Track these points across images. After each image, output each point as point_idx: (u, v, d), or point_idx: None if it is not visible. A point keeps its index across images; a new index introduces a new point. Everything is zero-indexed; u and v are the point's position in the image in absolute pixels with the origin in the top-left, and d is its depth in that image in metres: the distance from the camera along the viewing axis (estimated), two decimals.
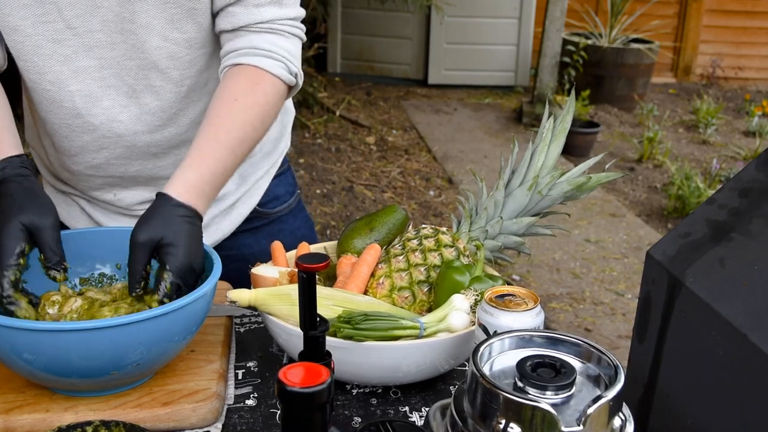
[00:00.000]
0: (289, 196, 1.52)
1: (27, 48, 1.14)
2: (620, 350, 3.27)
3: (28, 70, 1.17)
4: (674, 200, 4.95)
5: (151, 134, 1.24)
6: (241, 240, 1.43)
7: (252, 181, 1.42)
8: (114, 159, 1.26)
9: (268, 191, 1.46)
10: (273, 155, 1.45)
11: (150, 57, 1.17)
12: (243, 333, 1.21)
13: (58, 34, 1.13)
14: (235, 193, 1.39)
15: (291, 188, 1.53)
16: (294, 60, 1.21)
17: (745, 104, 7.40)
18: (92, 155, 1.26)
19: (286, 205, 1.51)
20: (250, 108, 1.14)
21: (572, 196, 1.18)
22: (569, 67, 6.69)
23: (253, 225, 1.45)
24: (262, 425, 0.99)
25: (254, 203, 1.44)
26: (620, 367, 0.75)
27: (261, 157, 1.42)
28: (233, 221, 1.41)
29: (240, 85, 1.16)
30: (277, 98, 1.19)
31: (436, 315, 1.04)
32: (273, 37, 1.19)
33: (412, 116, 6.74)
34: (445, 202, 4.92)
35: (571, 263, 4.17)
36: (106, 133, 1.22)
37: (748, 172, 0.89)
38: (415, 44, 7.76)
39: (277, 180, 1.48)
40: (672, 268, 0.86)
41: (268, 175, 1.45)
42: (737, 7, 8.01)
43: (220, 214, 1.39)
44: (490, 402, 0.72)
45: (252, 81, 1.16)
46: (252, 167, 1.41)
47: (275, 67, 1.18)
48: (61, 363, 0.89)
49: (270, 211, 1.48)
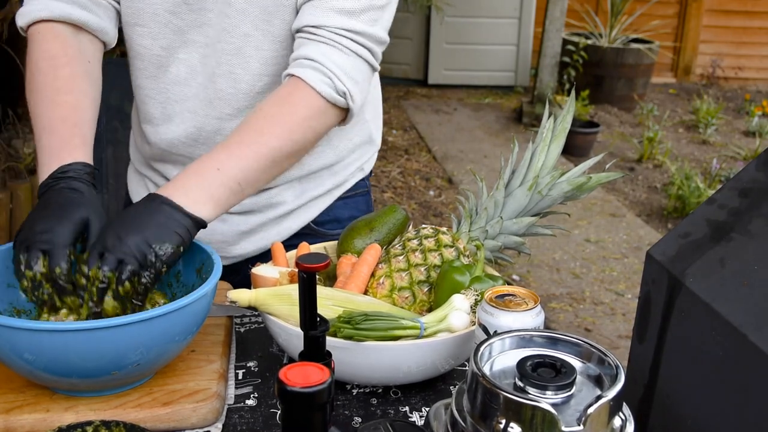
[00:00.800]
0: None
1: (146, 15, 1.21)
2: (620, 350, 3.27)
3: (143, 35, 1.23)
4: (674, 200, 4.95)
5: (220, 120, 1.26)
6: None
7: (310, 197, 1.37)
8: (185, 137, 1.29)
9: (329, 210, 1.40)
10: (340, 175, 1.40)
11: (237, 43, 1.19)
12: (243, 333, 1.21)
13: (176, 6, 1.20)
14: (290, 203, 1.36)
15: (360, 214, 1.41)
16: (344, 77, 1.14)
17: (745, 104, 7.40)
18: (169, 127, 1.28)
19: None
20: (272, 117, 1.11)
21: (572, 196, 1.18)
22: (569, 67, 6.70)
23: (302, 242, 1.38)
24: (262, 425, 0.99)
25: (308, 218, 1.39)
26: (620, 367, 0.75)
27: (327, 176, 1.38)
28: (281, 232, 1.37)
29: (275, 96, 1.14)
30: (312, 112, 1.13)
31: (436, 315, 1.04)
32: (327, 48, 1.14)
33: (412, 116, 6.74)
34: (445, 202, 4.92)
35: (571, 263, 4.17)
36: (193, 107, 1.26)
37: (748, 172, 0.89)
38: (415, 44, 7.76)
39: (344, 202, 1.42)
40: (672, 268, 0.86)
41: (330, 194, 1.40)
42: (737, 7, 8.01)
43: (270, 223, 1.36)
44: (491, 402, 0.72)
45: (286, 92, 1.13)
46: (313, 182, 1.37)
47: (315, 79, 1.12)
48: (61, 363, 0.89)
49: (326, 231, 1.41)
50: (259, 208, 1.35)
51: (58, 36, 1.19)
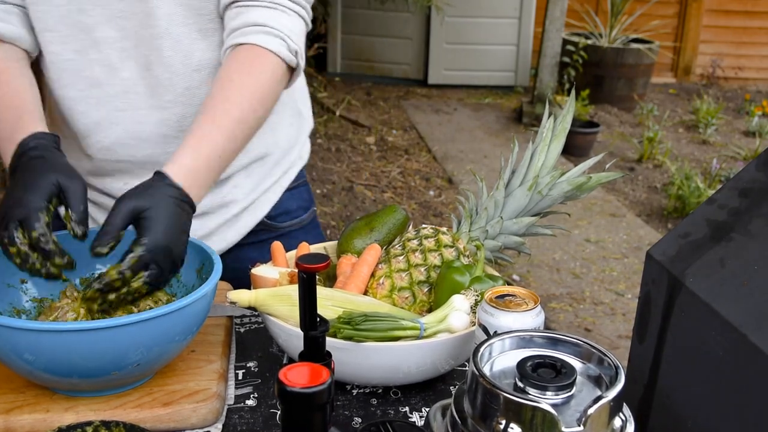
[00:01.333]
0: (302, 212, 1.48)
1: (53, 17, 1.17)
2: (620, 350, 3.27)
3: (53, 41, 1.19)
4: (674, 200, 4.95)
5: (162, 110, 1.24)
6: (246, 253, 1.39)
7: (261, 190, 1.39)
8: (126, 138, 1.25)
9: (279, 204, 1.42)
10: (283, 163, 1.42)
11: (163, 24, 1.17)
12: (243, 333, 1.21)
13: (83, 4, 1.16)
14: (242, 200, 1.37)
15: (305, 204, 1.49)
16: (294, 37, 1.16)
17: (745, 104, 7.40)
18: (105, 133, 1.25)
19: (297, 221, 1.47)
20: (247, 88, 1.12)
21: (572, 196, 1.18)
22: (569, 67, 6.70)
23: (260, 238, 1.42)
24: (262, 425, 0.99)
25: (262, 214, 1.40)
26: (620, 367, 0.75)
27: (271, 165, 1.39)
28: (239, 231, 1.38)
29: (237, 65, 1.13)
30: (277, 77, 1.15)
31: (436, 315, 1.04)
32: (272, 12, 1.15)
33: (412, 116, 6.74)
34: (445, 202, 4.92)
35: (571, 263, 4.17)
36: (122, 105, 1.22)
37: (748, 172, 0.89)
38: (415, 44, 7.76)
39: (290, 193, 1.45)
40: (672, 268, 0.86)
41: (278, 185, 1.42)
42: (737, 7, 8.01)
43: (226, 223, 1.37)
44: (491, 402, 0.72)
45: (249, 60, 1.13)
46: (261, 175, 1.38)
47: (273, 43, 1.14)
48: (61, 363, 0.89)
49: (279, 224, 1.44)
50: (213, 209, 1.34)
51: None
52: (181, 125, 1.25)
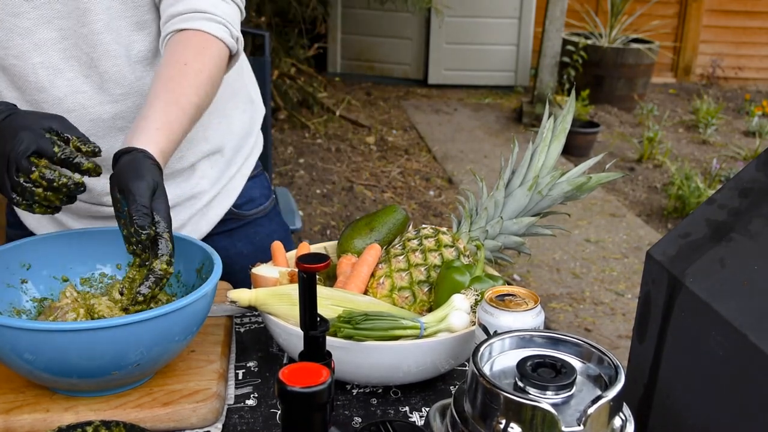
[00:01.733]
0: (264, 199, 1.52)
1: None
2: (620, 350, 3.27)
3: None
4: (674, 200, 4.95)
5: (115, 104, 1.23)
6: (217, 242, 1.42)
7: (226, 178, 1.42)
8: None
9: (244, 193, 1.46)
10: (243, 150, 1.45)
11: (103, 18, 1.16)
12: (243, 333, 1.21)
13: (17, 7, 1.14)
14: (209, 191, 1.39)
15: (266, 191, 1.54)
16: (235, 24, 1.19)
17: (745, 104, 7.40)
18: None
19: (261, 208, 1.52)
20: (201, 72, 1.13)
21: (572, 196, 1.18)
22: (569, 67, 6.70)
23: (229, 227, 1.46)
24: (262, 425, 0.99)
25: (230, 204, 1.44)
26: (620, 367, 0.75)
27: (232, 153, 1.42)
28: (210, 221, 1.42)
29: (188, 50, 1.14)
30: (222, 62, 1.18)
31: (436, 315, 1.04)
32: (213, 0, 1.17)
33: (412, 116, 6.74)
34: (445, 202, 4.92)
35: (571, 263, 4.17)
36: (71, 106, 1.21)
37: (748, 172, 0.89)
38: (415, 44, 7.76)
39: (251, 182, 1.49)
40: (672, 268, 0.86)
41: (241, 174, 1.46)
42: (737, 7, 8.01)
43: (197, 214, 1.40)
44: (491, 402, 0.72)
45: (199, 45, 1.14)
46: (224, 164, 1.41)
47: (219, 30, 1.16)
48: (61, 363, 0.89)
49: (246, 213, 1.48)
50: (182, 201, 1.37)
51: None
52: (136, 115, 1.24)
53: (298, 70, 6.40)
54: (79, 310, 1.00)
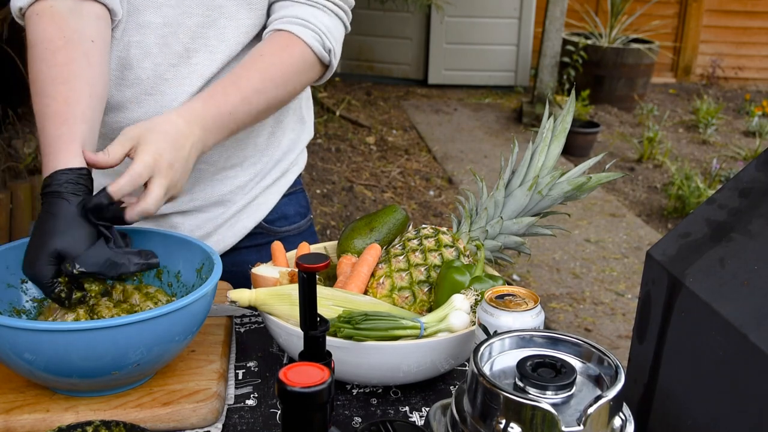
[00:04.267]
0: (299, 218, 1.49)
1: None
2: (620, 350, 3.27)
3: None
4: (674, 200, 4.96)
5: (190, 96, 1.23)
6: (244, 256, 1.40)
7: (258, 190, 1.39)
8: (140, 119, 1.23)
9: (277, 208, 1.44)
10: (282, 164, 1.43)
11: (212, 14, 1.20)
12: (243, 333, 1.21)
13: None
14: (240, 200, 1.37)
15: (303, 210, 1.51)
16: (330, 36, 1.24)
17: (745, 104, 7.40)
18: (129, 113, 1.23)
19: (294, 227, 1.48)
20: (273, 65, 1.18)
21: (572, 196, 1.18)
22: (569, 67, 6.70)
23: (258, 242, 1.43)
24: (262, 425, 0.99)
25: (260, 217, 1.41)
26: (620, 367, 0.75)
27: (271, 165, 1.40)
28: (237, 233, 1.39)
29: (270, 45, 1.20)
30: (305, 66, 1.22)
31: (436, 315, 1.04)
32: (315, 11, 1.23)
33: (412, 116, 6.74)
34: (445, 202, 4.92)
35: (571, 263, 4.17)
36: (150, 89, 1.22)
37: (748, 172, 0.89)
38: (415, 44, 7.76)
39: (287, 199, 1.46)
40: (672, 268, 0.86)
41: (276, 187, 1.43)
42: (737, 7, 8.01)
43: (225, 224, 1.37)
44: (491, 402, 0.72)
45: (282, 43, 1.20)
46: (259, 174, 1.38)
47: (308, 36, 1.21)
48: (61, 363, 0.89)
49: (276, 229, 1.45)
50: (209, 207, 1.35)
51: (54, 16, 1.09)
52: None
53: None
54: (79, 311, 1.00)
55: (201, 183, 1.32)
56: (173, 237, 1.13)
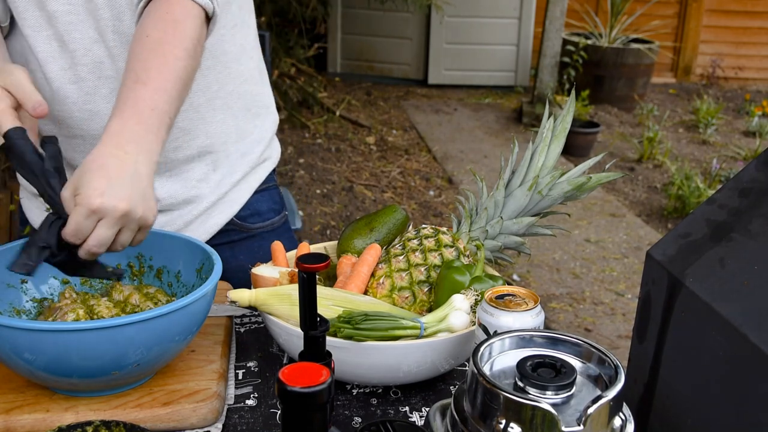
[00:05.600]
0: (273, 214, 1.48)
1: None
2: (620, 350, 3.27)
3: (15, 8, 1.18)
4: (674, 200, 4.96)
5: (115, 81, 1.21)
6: (218, 253, 1.39)
7: (228, 185, 1.37)
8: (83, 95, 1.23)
9: (249, 205, 1.42)
10: (250, 156, 1.40)
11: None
12: (243, 333, 1.21)
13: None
14: (209, 197, 1.35)
15: (276, 206, 1.49)
16: None
17: (745, 104, 7.40)
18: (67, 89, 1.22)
19: (268, 223, 1.47)
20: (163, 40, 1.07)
21: (572, 196, 1.18)
22: (569, 67, 6.70)
23: (231, 238, 1.42)
24: (262, 425, 0.99)
25: (231, 214, 1.40)
26: (620, 367, 0.75)
27: (237, 157, 1.38)
28: (208, 230, 1.38)
29: (149, 20, 1.09)
30: (192, 20, 1.11)
31: (436, 315, 1.04)
32: None
33: (412, 116, 6.74)
34: (445, 202, 4.92)
35: (571, 263, 4.17)
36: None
37: (748, 172, 0.89)
38: (415, 44, 7.76)
39: (260, 195, 1.45)
40: (672, 268, 0.86)
41: (246, 183, 1.41)
42: (737, 7, 8.02)
43: (195, 221, 1.36)
44: (491, 402, 0.72)
45: (161, 11, 1.09)
46: (225, 167, 1.36)
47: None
48: (61, 363, 0.89)
49: (249, 225, 1.44)
50: (179, 205, 1.34)
51: None
52: None
53: (298, 70, 6.40)
54: (79, 311, 1.00)
55: (157, 180, 1.26)
56: (173, 237, 1.13)
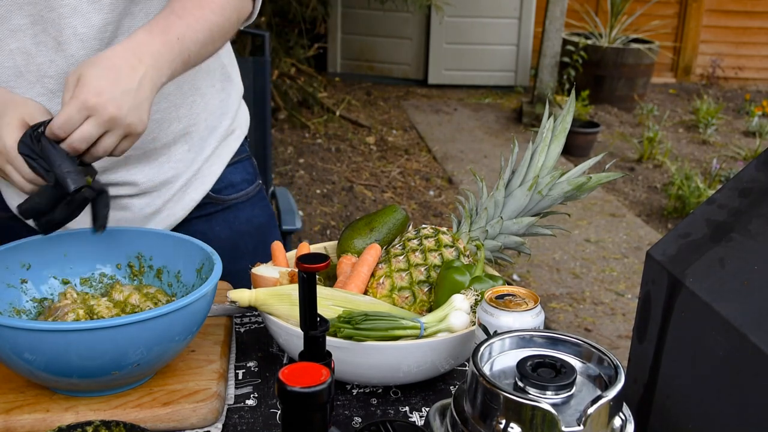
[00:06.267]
0: (246, 185, 1.50)
1: None
2: (620, 350, 3.27)
3: None
4: (674, 200, 4.96)
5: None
6: (195, 226, 1.41)
7: (200, 161, 1.39)
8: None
9: (223, 177, 1.44)
10: (219, 130, 1.42)
11: (70, 3, 1.16)
12: (243, 333, 1.21)
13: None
14: (183, 174, 1.37)
15: (250, 177, 1.51)
16: None
17: (745, 104, 7.40)
18: None
19: (243, 193, 1.49)
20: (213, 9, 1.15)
21: (572, 196, 1.18)
22: (569, 67, 6.70)
23: (207, 211, 1.44)
24: (262, 425, 0.99)
25: (207, 188, 1.42)
26: (620, 367, 0.75)
27: (207, 133, 1.39)
28: (186, 206, 1.40)
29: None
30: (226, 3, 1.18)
31: (436, 315, 1.04)
32: None
33: (412, 116, 6.74)
34: (445, 202, 4.92)
35: (571, 263, 4.17)
36: (40, 90, 1.21)
37: (748, 172, 0.89)
38: (415, 44, 7.76)
39: (233, 167, 1.47)
40: (672, 268, 0.86)
41: (217, 156, 1.43)
42: (737, 7, 8.02)
43: (173, 199, 1.38)
44: (491, 402, 0.72)
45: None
46: (198, 145, 1.38)
47: None
48: (61, 363, 0.89)
49: (224, 197, 1.46)
50: (157, 187, 1.35)
51: None
52: None
53: (298, 70, 6.40)
54: (79, 311, 1.00)
55: (136, 168, 1.31)
56: (173, 237, 1.13)
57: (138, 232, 1.15)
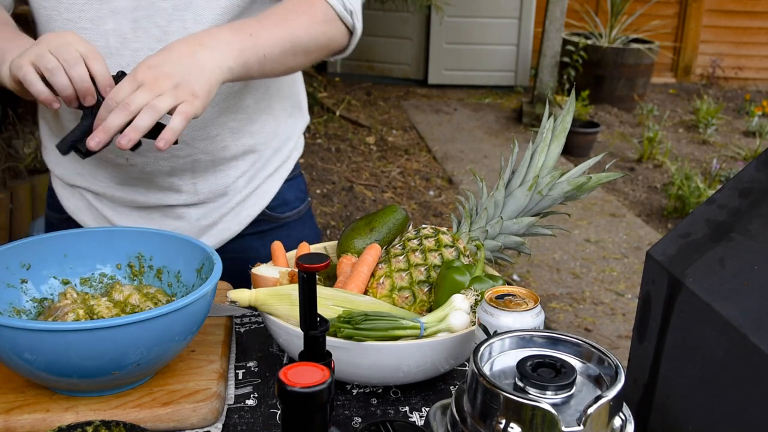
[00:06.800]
0: (299, 203, 1.52)
1: None
2: (620, 350, 3.27)
3: (69, 8, 1.19)
4: (674, 200, 4.96)
5: None
6: (248, 242, 1.43)
7: (261, 179, 1.42)
8: None
9: (278, 195, 1.46)
10: (282, 152, 1.45)
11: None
12: (243, 333, 1.21)
13: None
14: (243, 189, 1.40)
15: (301, 195, 1.54)
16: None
17: (745, 104, 7.40)
18: None
19: (295, 212, 1.51)
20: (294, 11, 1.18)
21: (572, 196, 1.18)
22: (569, 67, 6.70)
23: (261, 228, 1.46)
24: (262, 425, 0.99)
25: (263, 205, 1.44)
26: (620, 367, 0.75)
27: (270, 154, 1.42)
28: (241, 222, 1.42)
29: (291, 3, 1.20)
30: (328, 18, 1.21)
31: (436, 315, 1.04)
32: None
33: (412, 116, 6.74)
34: (445, 202, 4.92)
35: (571, 263, 4.17)
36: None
37: (748, 172, 0.89)
38: (415, 44, 7.76)
39: (287, 185, 1.49)
40: (672, 268, 0.86)
41: (278, 174, 1.46)
42: (737, 7, 8.02)
43: (229, 213, 1.40)
44: (491, 402, 0.72)
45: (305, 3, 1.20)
46: (260, 163, 1.41)
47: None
48: (61, 363, 0.89)
49: (279, 215, 1.48)
50: (214, 198, 1.37)
51: None
52: None
53: None
54: (79, 311, 1.00)
55: (202, 176, 1.33)
56: (173, 237, 1.13)
57: (138, 232, 1.15)
